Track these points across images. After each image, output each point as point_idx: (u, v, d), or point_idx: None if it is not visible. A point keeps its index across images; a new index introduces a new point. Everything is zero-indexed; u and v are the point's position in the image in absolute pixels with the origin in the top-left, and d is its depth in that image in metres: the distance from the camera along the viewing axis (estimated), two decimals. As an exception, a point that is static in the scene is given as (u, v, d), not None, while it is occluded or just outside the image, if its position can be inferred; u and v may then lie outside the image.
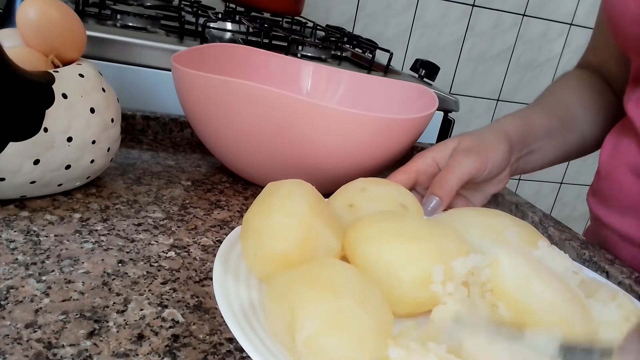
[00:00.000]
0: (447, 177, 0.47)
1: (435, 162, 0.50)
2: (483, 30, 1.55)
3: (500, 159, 0.50)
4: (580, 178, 1.83)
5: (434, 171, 0.50)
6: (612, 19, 0.52)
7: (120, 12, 0.78)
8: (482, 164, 0.48)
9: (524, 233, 0.35)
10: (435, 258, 0.29)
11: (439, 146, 0.51)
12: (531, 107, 0.60)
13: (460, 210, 0.38)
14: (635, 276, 0.46)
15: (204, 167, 0.58)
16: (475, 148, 0.49)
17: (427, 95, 0.58)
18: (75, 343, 0.29)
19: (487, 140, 0.50)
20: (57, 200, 0.44)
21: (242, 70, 0.62)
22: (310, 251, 0.30)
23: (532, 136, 0.55)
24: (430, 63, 0.93)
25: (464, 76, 1.59)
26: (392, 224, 0.31)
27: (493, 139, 0.51)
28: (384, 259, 0.30)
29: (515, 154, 0.54)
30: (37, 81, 0.40)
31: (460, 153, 0.49)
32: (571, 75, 0.66)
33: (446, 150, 0.50)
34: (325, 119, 0.46)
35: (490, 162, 0.49)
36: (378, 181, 0.40)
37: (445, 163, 0.49)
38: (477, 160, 0.48)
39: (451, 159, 0.49)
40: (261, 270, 0.31)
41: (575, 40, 1.63)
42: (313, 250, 0.30)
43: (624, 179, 0.54)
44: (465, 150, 0.49)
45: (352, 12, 1.42)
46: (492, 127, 0.54)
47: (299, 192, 0.31)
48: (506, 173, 0.53)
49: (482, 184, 0.52)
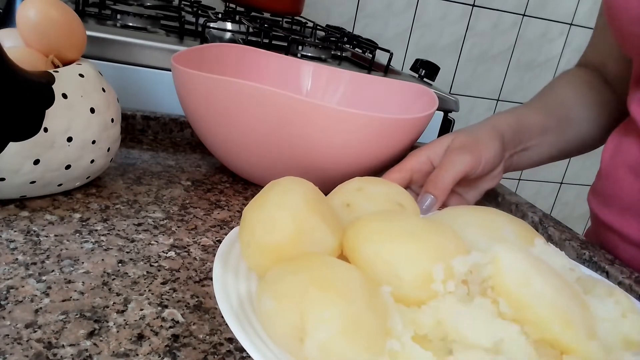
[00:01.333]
0: (442, 176, 0.47)
1: (430, 160, 0.51)
2: (483, 30, 1.55)
3: (494, 156, 0.51)
4: (580, 178, 1.83)
5: (429, 169, 0.50)
6: (613, 18, 0.52)
7: (120, 12, 0.77)
8: (476, 161, 0.49)
9: (520, 231, 0.35)
10: (435, 257, 0.29)
11: (432, 144, 0.51)
12: (527, 104, 0.61)
13: (457, 209, 0.39)
14: (635, 276, 0.46)
15: (204, 167, 0.58)
16: (468, 145, 0.49)
17: (427, 95, 0.58)
18: (75, 343, 0.29)
19: (481, 138, 0.51)
20: (57, 200, 0.44)
21: (242, 70, 0.62)
22: (305, 245, 0.30)
23: (526, 133, 0.56)
24: (430, 63, 0.93)
25: (464, 76, 1.59)
26: (392, 224, 0.31)
27: (486, 136, 0.51)
28: (385, 258, 0.30)
29: (508, 151, 0.54)
30: (37, 81, 0.40)
31: (453, 151, 0.49)
32: (571, 74, 0.66)
33: (440, 148, 0.51)
34: (325, 119, 0.46)
35: (483, 159, 0.49)
36: (374, 180, 0.40)
37: (439, 161, 0.50)
38: (470, 158, 0.48)
39: (445, 157, 0.49)
40: (254, 261, 0.32)
41: (575, 40, 1.63)
42: (307, 245, 0.30)
43: (625, 178, 0.54)
44: (459, 148, 0.49)
45: (352, 12, 1.42)
46: (485, 123, 0.54)
47: (295, 188, 0.32)
48: (500, 169, 0.54)
49: (476, 181, 0.53)
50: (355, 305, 0.26)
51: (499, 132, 0.52)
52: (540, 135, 0.57)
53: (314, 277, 0.27)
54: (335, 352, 0.25)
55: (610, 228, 0.56)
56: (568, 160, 1.79)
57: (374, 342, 0.26)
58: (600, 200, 0.59)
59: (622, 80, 0.61)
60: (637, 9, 0.48)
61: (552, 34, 1.62)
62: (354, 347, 0.25)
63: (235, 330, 0.26)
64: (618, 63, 0.62)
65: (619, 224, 0.55)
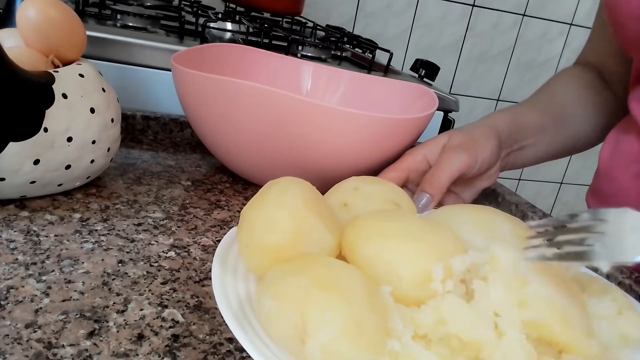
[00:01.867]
0: (438, 174, 0.47)
1: (426, 159, 0.51)
2: (483, 30, 1.55)
3: (490, 154, 0.51)
4: (580, 178, 1.83)
5: (425, 168, 0.51)
6: (613, 16, 0.52)
7: (120, 12, 0.77)
8: (472, 160, 0.49)
9: (516, 230, 0.35)
10: (434, 256, 0.29)
11: (429, 143, 0.52)
12: (524, 103, 0.61)
13: (453, 208, 0.39)
14: (635, 276, 0.46)
15: (204, 167, 0.58)
16: (465, 144, 0.49)
17: (427, 95, 0.58)
18: (75, 343, 0.29)
19: (477, 137, 0.51)
20: (57, 200, 0.44)
21: (242, 70, 0.62)
22: (303, 245, 0.30)
23: (522, 132, 0.56)
24: (430, 63, 0.93)
25: (464, 76, 1.59)
26: (391, 224, 0.31)
27: (482, 135, 0.51)
28: (384, 257, 0.30)
29: (505, 150, 0.54)
30: (37, 81, 0.40)
31: (450, 150, 0.49)
32: (569, 72, 0.66)
33: (436, 147, 0.51)
34: (325, 119, 0.46)
35: (480, 158, 0.50)
36: (371, 180, 0.40)
37: (435, 160, 0.50)
38: (467, 157, 0.48)
39: (441, 156, 0.49)
40: (253, 262, 0.32)
41: (575, 40, 1.63)
42: (306, 245, 0.30)
43: (623, 177, 0.54)
44: (455, 146, 0.49)
45: (352, 12, 1.42)
46: (482, 122, 0.54)
47: (293, 188, 0.32)
48: (496, 168, 0.54)
49: (472, 180, 0.53)
50: (356, 306, 0.26)
51: (495, 131, 0.52)
52: (537, 134, 0.57)
53: (314, 278, 0.27)
54: (337, 354, 0.25)
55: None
56: (568, 160, 1.79)
57: (376, 342, 0.26)
58: (598, 199, 0.59)
59: (621, 78, 0.61)
60: (637, 5, 0.47)
61: (552, 34, 1.62)
62: (356, 348, 0.25)
63: (235, 330, 0.26)
64: (616, 62, 0.62)
65: None
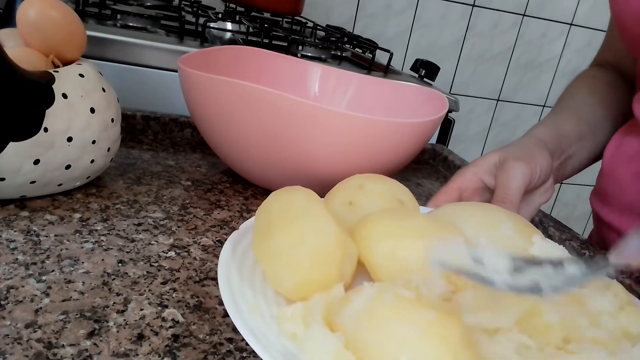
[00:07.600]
0: (509, 184, 0.46)
1: (477, 176, 0.49)
2: (483, 30, 1.55)
3: (546, 165, 0.50)
4: (580, 178, 1.82)
5: (477, 185, 0.49)
6: (616, 18, 0.52)
7: (120, 12, 0.78)
8: (533, 170, 0.48)
9: (518, 227, 0.36)
10: None
11: (477, 162, 0.50)
12: (557, 113, 0.60)
13: (456, 205, 0.39)
14: (636, 276, 0.46)
15: (204, 167, 0.58)
16: (520, 157, 0.48)
17: (436, 98, 0.57)
18: (75, 343, 0.29)
19: (530, 149, 0.50)
20: (57, 200, 0.44)
21: (249, 72, 0.61)
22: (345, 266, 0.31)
23: (566, 142, 0.55)
24: (430, 63, 0.93)
25: (464, 76, 1.59)
26: (403, 222, 0.33)
27: (535, 147, 0.50)
28: (399, 255, 0.31)
29: (555, 161, 0.53)
30: (37, 81, 0.40)
31: (509, 164, 0.47)
32: (589, 75, 0.65)
33: (487, 164, 0.49)
34: (334, 123, 0.46)
35: (538, 168, 0.48)
36: (374, 177, 0.41)
37: (487, 176, 0.49)
38: (527, 168, 0.47)
39: (502, 172, 0.47)
40: (297, 296, 0.31)
41: (575, 41, 1.63)
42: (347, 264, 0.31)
43: (625, 177, 0.54)
44: (513, 158, 0.48)
45: (352, 12, 1.42)
46: (527, 137, 0.53)
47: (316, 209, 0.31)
48: (551, 181, 0.52)
49: (529, 196, 0.51)
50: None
51: (544, 144, 0.51)
52: (578, 142, 0.57)
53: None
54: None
55: (611, 227, 0.56)
56: (568, 160, 1.78)
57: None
58: (600, 199, 0.59)
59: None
60: (638, 8, 0.47)
61: (552, 34, 1.62)
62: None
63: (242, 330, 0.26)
64: (633, 61, 0.61)
65: (618, 222, 0.55)
